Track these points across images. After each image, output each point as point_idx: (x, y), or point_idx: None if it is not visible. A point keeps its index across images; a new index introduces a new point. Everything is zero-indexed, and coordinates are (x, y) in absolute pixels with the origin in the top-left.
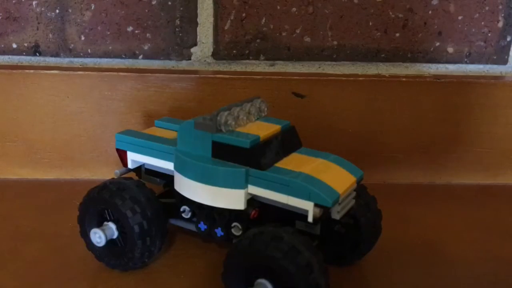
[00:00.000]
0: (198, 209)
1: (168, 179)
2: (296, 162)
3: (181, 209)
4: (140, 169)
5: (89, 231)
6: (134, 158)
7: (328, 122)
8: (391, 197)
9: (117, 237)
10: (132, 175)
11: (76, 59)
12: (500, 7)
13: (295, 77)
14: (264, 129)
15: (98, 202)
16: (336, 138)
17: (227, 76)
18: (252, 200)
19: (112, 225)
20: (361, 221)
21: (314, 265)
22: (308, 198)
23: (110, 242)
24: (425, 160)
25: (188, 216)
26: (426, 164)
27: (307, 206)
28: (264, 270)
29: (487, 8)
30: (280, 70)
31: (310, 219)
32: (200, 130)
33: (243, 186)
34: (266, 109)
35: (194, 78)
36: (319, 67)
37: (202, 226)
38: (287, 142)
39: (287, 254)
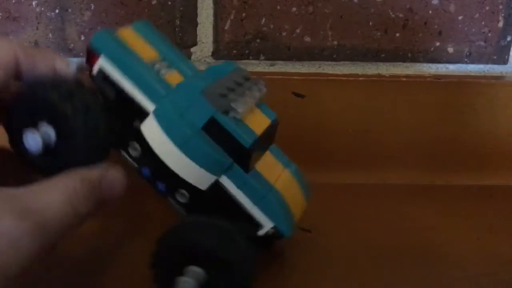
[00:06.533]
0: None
1: (124, 98)
2: (269, 168)
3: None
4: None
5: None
6: (105, 69)
7: (328, 122)
8: (391, 197)
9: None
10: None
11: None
12: (500, 7)
13: (295, 77)
14: (259, 124)
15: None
16: (336, 138)
17: None
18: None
19: (47, 127)
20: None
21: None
22: (273, 220)
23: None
24: (425, 160)
25: (137, 156)
26: (426, 164)
27: (267, 224)
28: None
29: (487, 8)
30: (280, 70)
31: (261, 233)
32: (206, 100)
33: (219, 175)
34: (265, 89)
35: None
36: (319, 67)
37: (146, 172)
38: (269, 138)
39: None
